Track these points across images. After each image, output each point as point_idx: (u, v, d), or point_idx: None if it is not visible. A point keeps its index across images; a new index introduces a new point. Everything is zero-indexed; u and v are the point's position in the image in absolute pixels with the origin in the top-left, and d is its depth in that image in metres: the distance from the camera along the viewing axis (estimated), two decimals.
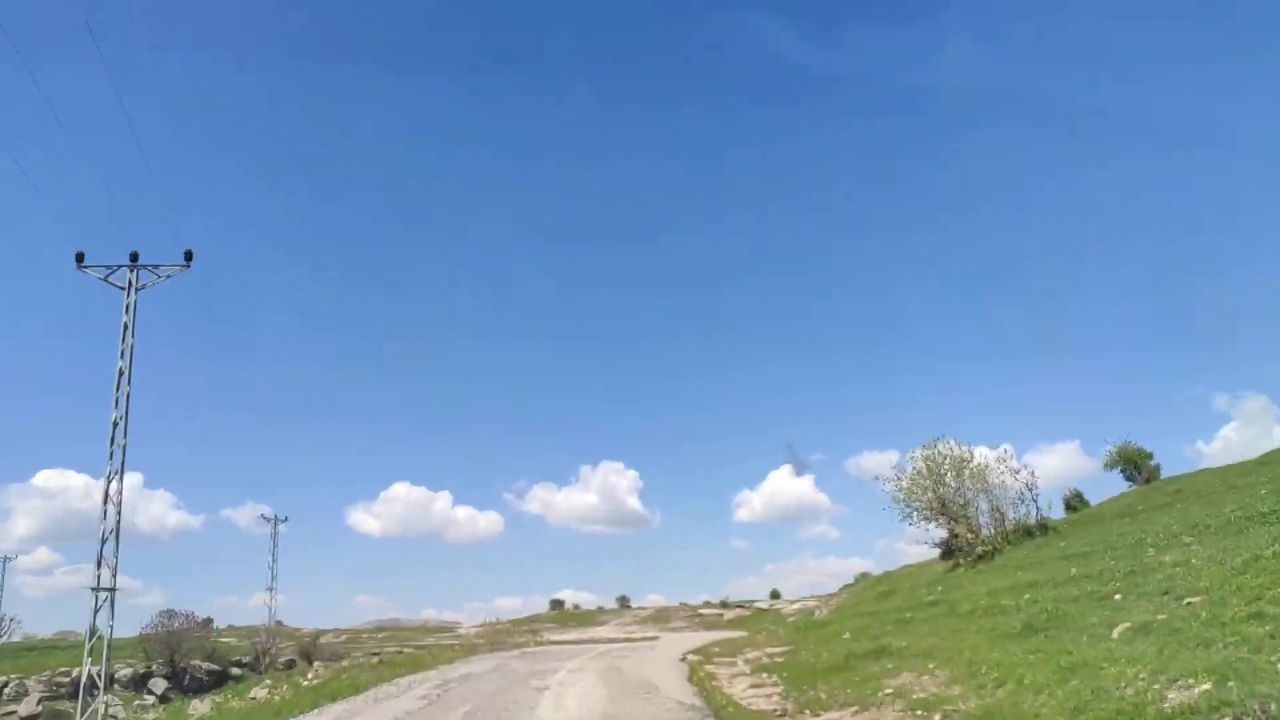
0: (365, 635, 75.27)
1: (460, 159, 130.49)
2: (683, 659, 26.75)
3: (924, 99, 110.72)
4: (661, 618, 73.95)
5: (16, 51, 67.32)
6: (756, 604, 67.67)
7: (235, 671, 45.55)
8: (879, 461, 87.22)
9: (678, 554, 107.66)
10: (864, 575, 53.92)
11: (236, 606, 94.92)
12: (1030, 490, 25.98)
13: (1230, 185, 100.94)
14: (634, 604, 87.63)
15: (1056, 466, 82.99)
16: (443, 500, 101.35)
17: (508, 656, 34.25)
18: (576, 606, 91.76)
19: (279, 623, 66.90)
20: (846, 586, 55.27)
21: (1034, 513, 25.91)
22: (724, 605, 76.61)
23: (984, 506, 26.98)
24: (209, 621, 55.96)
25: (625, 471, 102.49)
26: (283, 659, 50.35)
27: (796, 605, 57.72)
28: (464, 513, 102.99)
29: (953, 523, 27.23)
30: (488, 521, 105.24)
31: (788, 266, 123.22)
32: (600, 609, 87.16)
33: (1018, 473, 26.52)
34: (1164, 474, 30.47)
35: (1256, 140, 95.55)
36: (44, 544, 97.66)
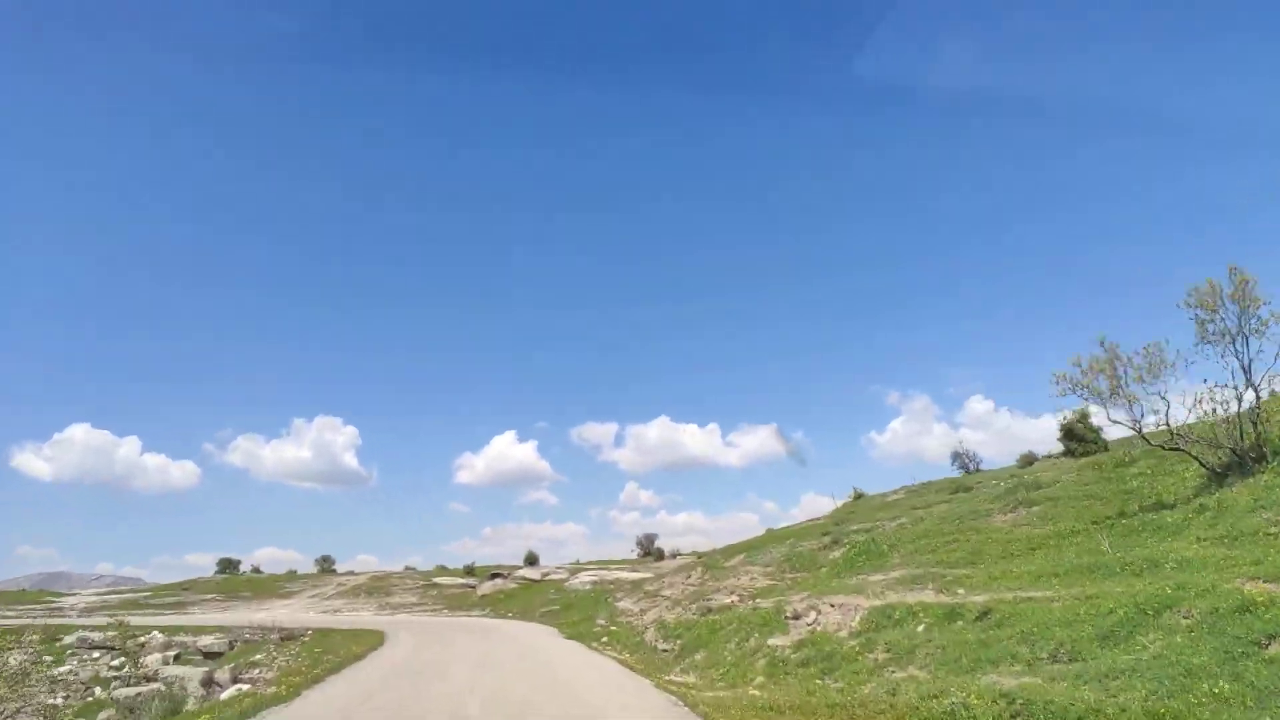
0: None
1: None
2: None
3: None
4: (379, 588, 60.84)
5: None
6: (519, 572, 56.05)
7: None
8: (599, 432, 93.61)
9: (395, 515, 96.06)
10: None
11: None
12: None
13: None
14: (342, 568, 72.26)
15: None
16: (129, 446, 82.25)
17: None
18: (257, 570, 74.01)
19: None
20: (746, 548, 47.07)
21: None
22: (470, 572, 64.38)
23: None
24: None
25: (343, 427, 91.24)
26: None
27: (588, 577, 48.07)
28: (154, 460, 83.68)
29: None
30: (182, 472, 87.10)
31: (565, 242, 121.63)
32: (292, 573, 70.82)
33: None
34: None
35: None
36: None
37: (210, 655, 31.66)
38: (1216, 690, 8.18)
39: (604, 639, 26.90)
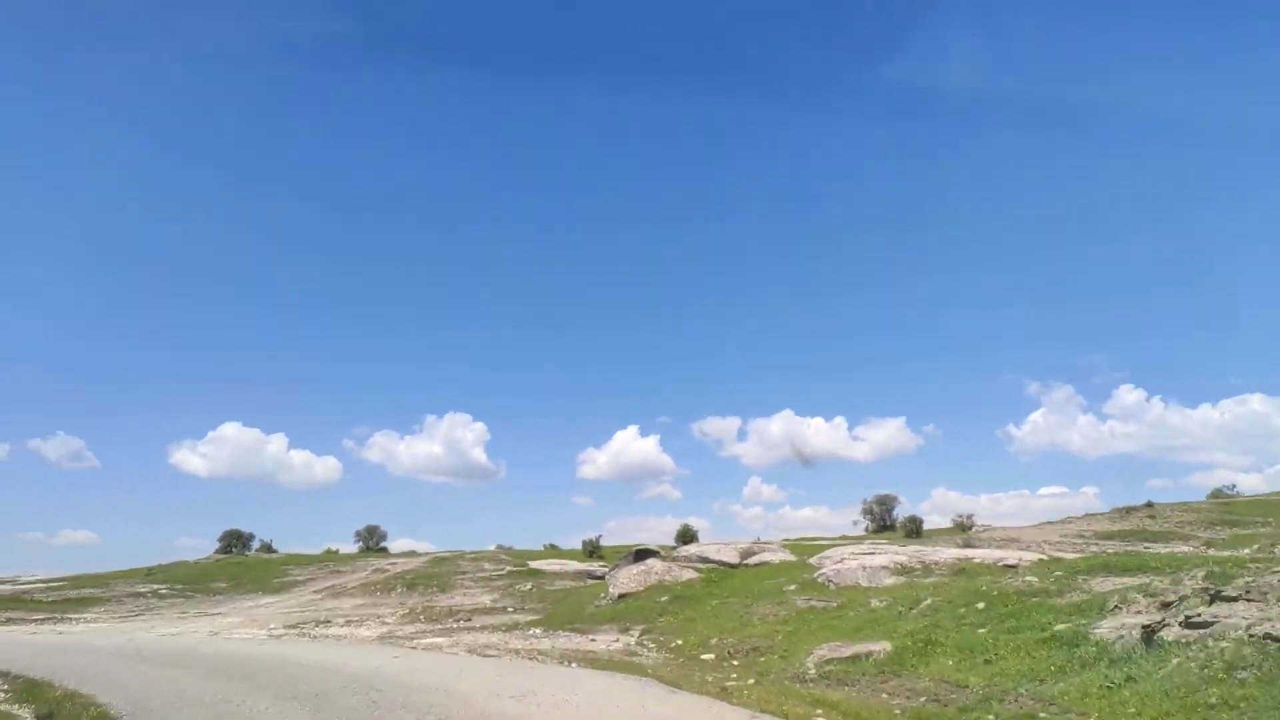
0: None
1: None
2: None
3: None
4: (433, 579, 35.52)
5: None
6: (686, 549, 28.13)
7: None
8: (721, 427, 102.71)
9: (522, 508, 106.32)
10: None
11: (41, 544, 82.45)
12: None
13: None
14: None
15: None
16: (277, 443, 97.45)
17: None
18: (269, 548, 50.72)
19: None
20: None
21: None
22: (595, 552, 38.65)
23: None
24: None
25: (472, 423, 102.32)
26: None
27: (876, 560, 20.12)
28: (299, 456, 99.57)
29: None
30: (325, 467, 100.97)
31: (661, 244, 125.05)
32: (331, 552, 47.18)
33: None
34: None
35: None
36: None
37: None
38: None
39: None
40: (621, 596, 24.94)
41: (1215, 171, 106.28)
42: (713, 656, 16.21)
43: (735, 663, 15.44)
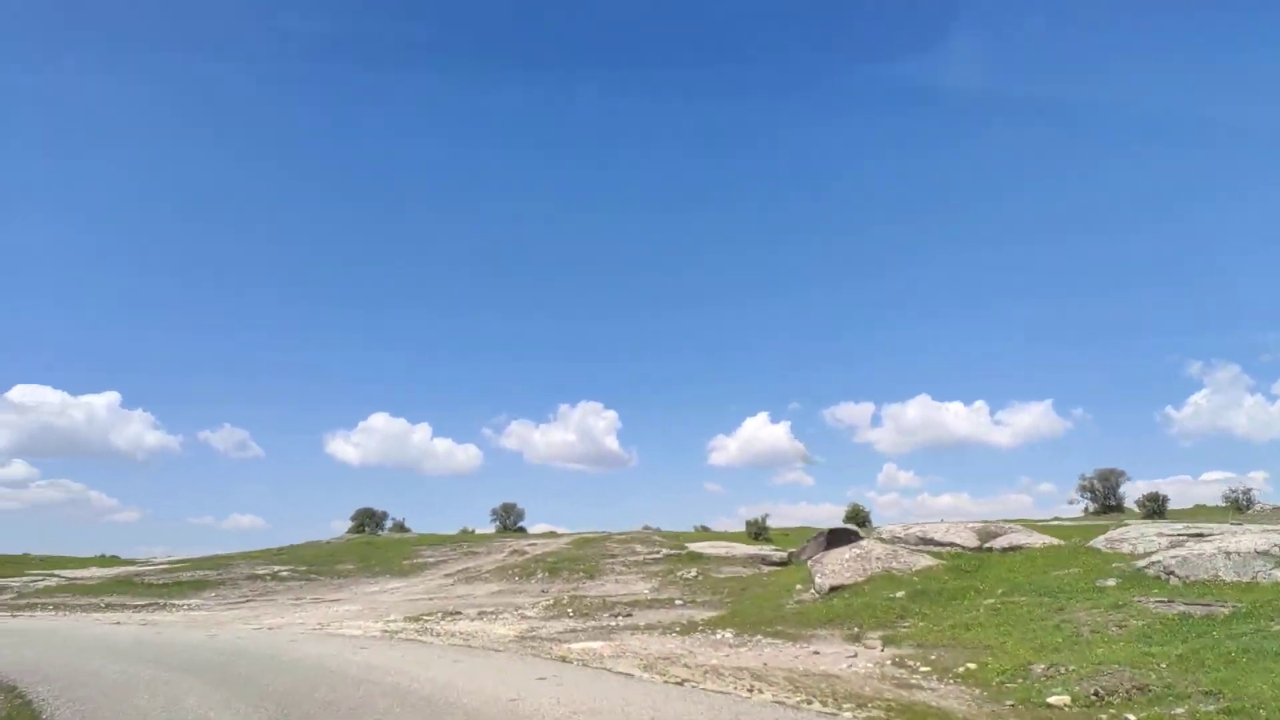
0: None
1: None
2: None
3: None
4: (578, 562, 30.44)
5: None
6: (887, 528, 21.03)
7: None
8: (854, 413, 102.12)
9: (654, 495, 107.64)
10: None
11: (212, 528, 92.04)
12: None
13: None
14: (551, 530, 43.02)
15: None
16: (421, 432, 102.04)
17: None
18: (402, 527, 47.57)
19: None
20: None
21: None
22: (761, 534, 32.90)
23: None
24: None
25: (605, 411, 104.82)
26: None
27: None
28: (442, 445, 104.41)
29: None
30: (466, 455, 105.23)
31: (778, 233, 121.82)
32: (467, 531, 43.51)
33: None
34: None
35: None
36: (18, 458, 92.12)
37: None
38: None
39: None
40: (834, 589, 18.51)
41: None
42: (1066, 700, 9.55)
43: (1133, 718, 8.76)
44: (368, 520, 48.55)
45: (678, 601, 22.74)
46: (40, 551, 46.10)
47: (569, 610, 21.79)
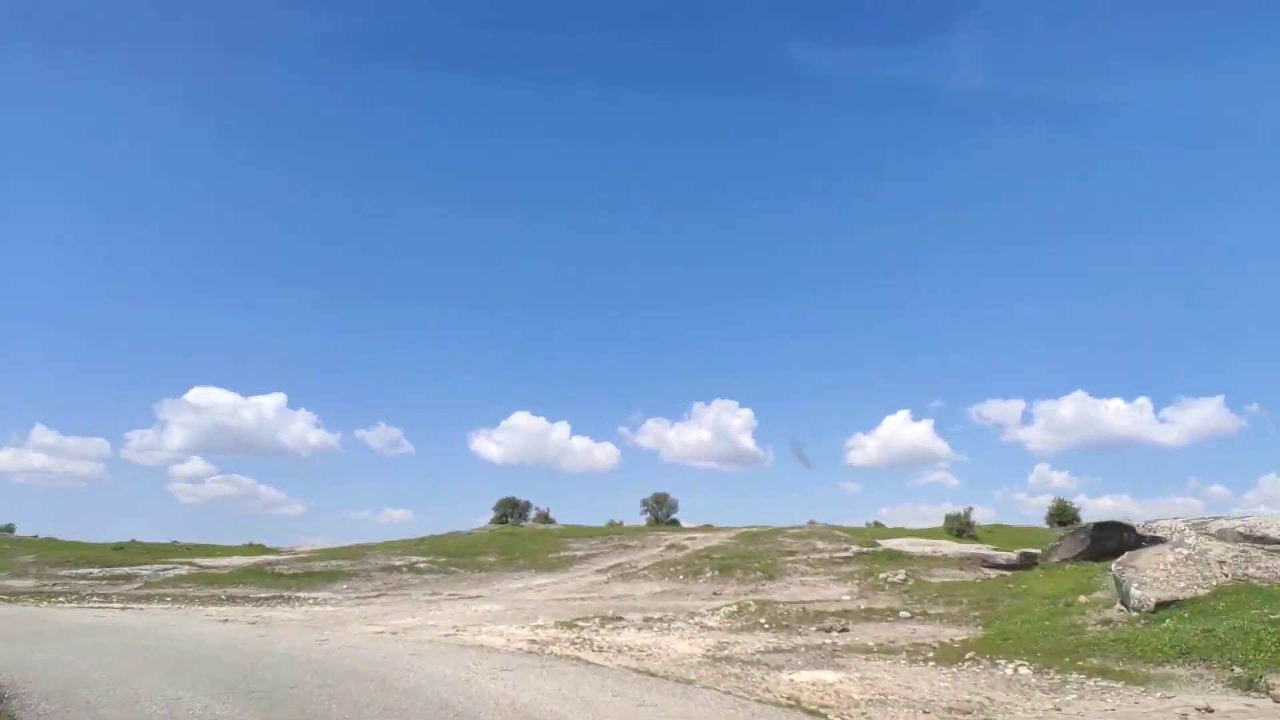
0: None
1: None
2: None
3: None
4: (751, 560, 25.71)
5: None
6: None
7: None
8: (1003, 410, 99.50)
9: (790, 494, 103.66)
10: None
11: (368, 521, 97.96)
12: None
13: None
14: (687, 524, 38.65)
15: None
16: (560, 430, 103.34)
17: None
18: (546, 518, 44.33)
19: None
20: None
21: None
22: (963, 532, 26.77)
23: None
24: None
25: (739, 410, 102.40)
26: None
27: None
28: (581, 443, 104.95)
29: None
30: (604, 453, 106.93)
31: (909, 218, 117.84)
32: (614, 524, 39.73)
33: None
34: None
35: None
36: (196, 454, 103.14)
37: None
38: None
39: None
40: (1161, 605, 12.78)
41: None
42: None
43: None
44: (510, 510, 45.78)
45: (902, 613, 17.46)
46: (213, 540, 46.41)
47: (760, 620, 17.00)
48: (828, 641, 14.78)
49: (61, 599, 23.45)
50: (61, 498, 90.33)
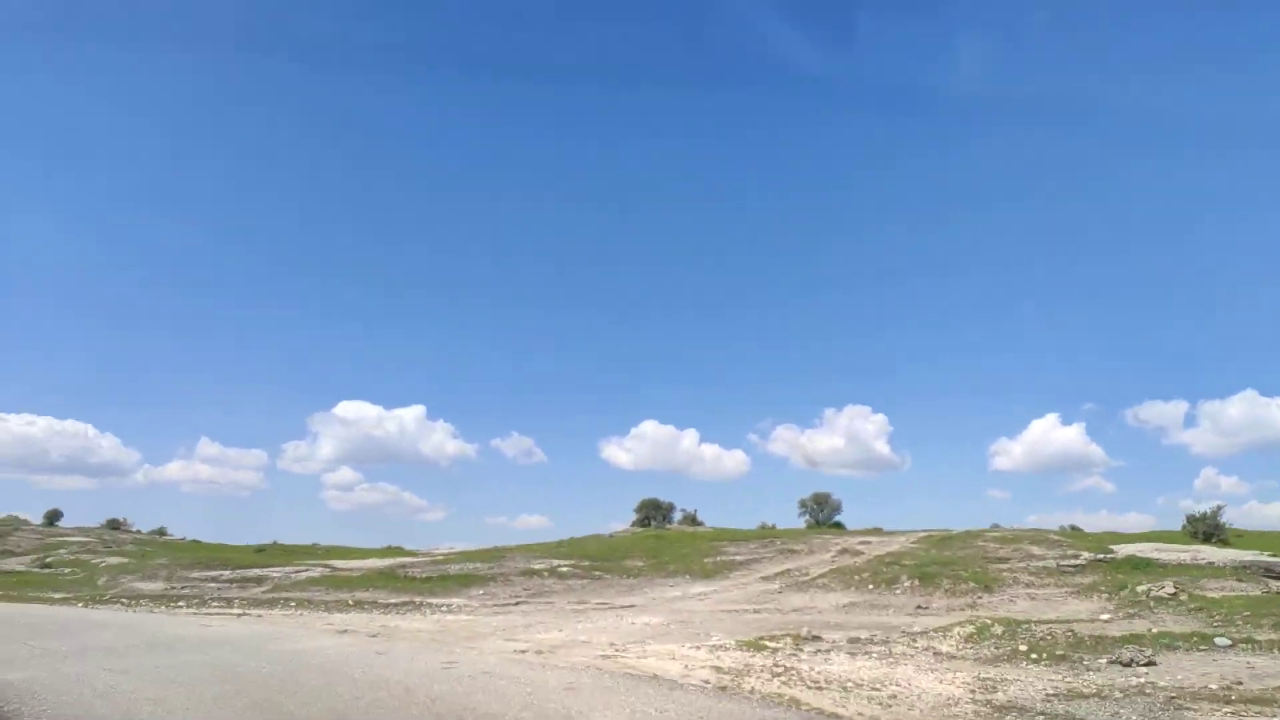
0: None
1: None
2: None
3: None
4: (948, 567, 21.33)
5: None
6: None
7: None
8: (1163, 412, 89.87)
9: (931, 501, 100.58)
10: None
11: (505, 526, 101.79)
12: None
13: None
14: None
15: None
16: (689, 438, 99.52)
17: None
18: (693, 520, 40.75)
19: None
20: None
21: None
22: (1210, 536, 21.05)
23: None
24: None
25: (873, 415, 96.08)
26: None
27: None
28: (710, 450, 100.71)
29: None
30: (734, 460, 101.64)
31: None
32: (767, 527, 35.88)
33: None
34: None
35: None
36: (345, 464, 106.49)
37: None
38: None
39: None
40: None
41: None
42: None
43: None
44: (653, 512, 42.58)
45: (1218, 640, 12.72)
46: (359, 543, 46.19)
47: (1018, 645, 12.70)
48: (1137, 681, 10.40)
49: (181, 604, 22.04)
50: (226, 506, 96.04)
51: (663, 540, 33.30)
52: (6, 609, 20.69)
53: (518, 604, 20.72)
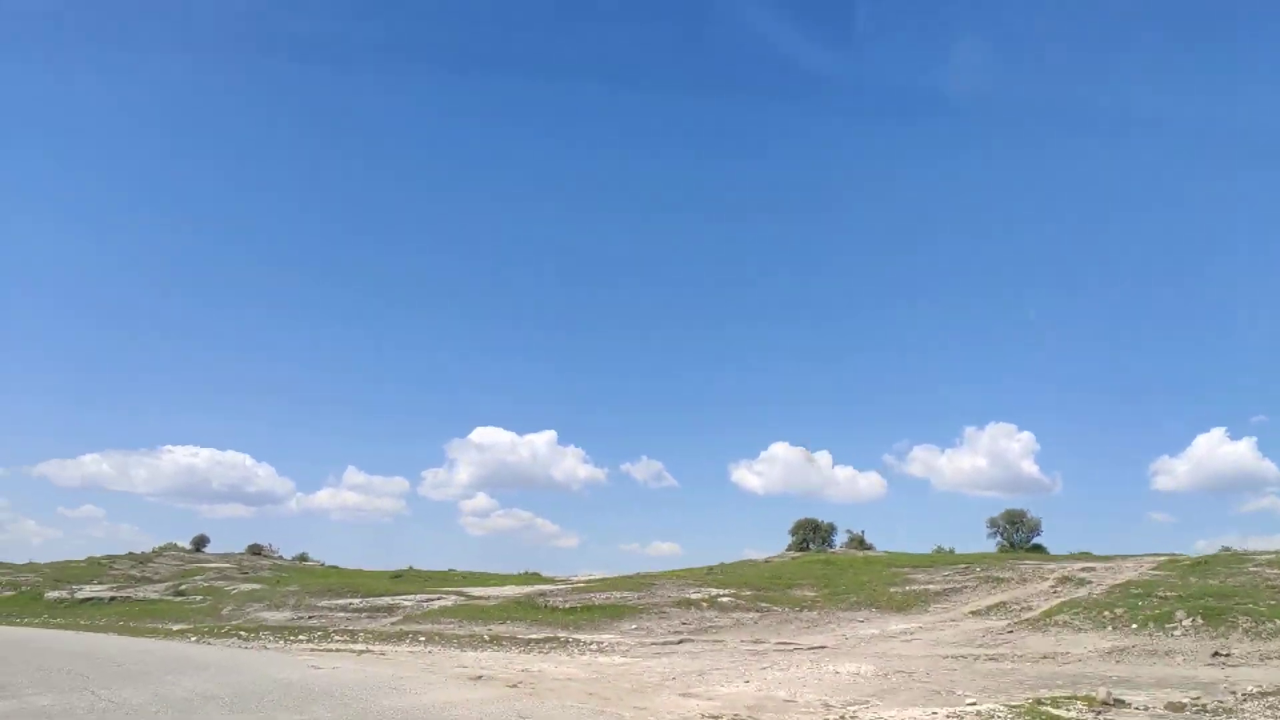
0: None
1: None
2: None
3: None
4: (1232, 614, 16.47)
5: None
6: None
7: None
8: None
9: (1086, 525, 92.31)
10: None
11: (637, 554, 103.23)
12: None
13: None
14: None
15: None
16: (822, 460, 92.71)
17: None
18: (864, 543, 36.17)
19: None
20: None
21: None
22: None
23: None
24: None
25: (1018, 434, 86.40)
26: None
27: None
28: (844, 472, 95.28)
29: None
30: (869, 482, 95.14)
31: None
32: (944, 552, 31.01)
33: None
34: None
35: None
36: (481, 490, 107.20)
37: None
38: None
39: None
40: None
41: None
42: None
43: None
44: (812, 534, 38.32)
45: None
46: (495, 569, 44.84)
47: None
48: None
49: (302, 636, 20.14)
50: (369, 532, 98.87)
51: (833, 566, 29.15)
52: (103, 644, 19.37)
53: (680, 642, 17.42)
